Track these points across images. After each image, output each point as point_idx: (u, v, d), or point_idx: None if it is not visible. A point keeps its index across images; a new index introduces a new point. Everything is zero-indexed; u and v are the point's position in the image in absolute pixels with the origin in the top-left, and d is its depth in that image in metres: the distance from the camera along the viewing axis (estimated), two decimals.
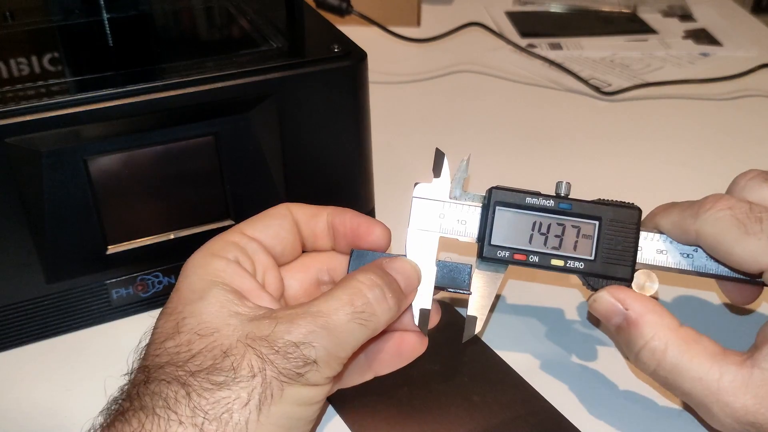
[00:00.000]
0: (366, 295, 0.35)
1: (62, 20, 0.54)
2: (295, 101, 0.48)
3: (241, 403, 0.32)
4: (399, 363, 0.40)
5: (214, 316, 0.34)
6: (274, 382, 0.32)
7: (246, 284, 0.36)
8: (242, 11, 0.56)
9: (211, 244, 0.38)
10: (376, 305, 0.35)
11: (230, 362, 0.32)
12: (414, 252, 0.40)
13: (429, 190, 0.41)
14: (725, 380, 0.36)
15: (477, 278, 0.41)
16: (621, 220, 0.40)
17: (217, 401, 0.31)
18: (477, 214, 0.41)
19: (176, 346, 0.33)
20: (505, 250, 0.41)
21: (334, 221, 0.41)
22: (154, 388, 0.32)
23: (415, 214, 0.41)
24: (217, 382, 0.32)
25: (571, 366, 0.46)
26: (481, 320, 0.40)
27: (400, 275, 0.38)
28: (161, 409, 0.31)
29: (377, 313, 0.35)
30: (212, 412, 0.31)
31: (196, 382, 0.32)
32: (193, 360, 0.33)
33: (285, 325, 0.33)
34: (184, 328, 0.34)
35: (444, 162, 0.41)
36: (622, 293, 0.39)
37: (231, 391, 0.32)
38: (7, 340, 0.47)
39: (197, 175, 0.47)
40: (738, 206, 0.38)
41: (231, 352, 0.33)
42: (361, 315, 0.35)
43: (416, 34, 0.87)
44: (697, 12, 1.00)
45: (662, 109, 0.77)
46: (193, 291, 0.35)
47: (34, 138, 0.41)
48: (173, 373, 0.32)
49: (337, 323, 0.34)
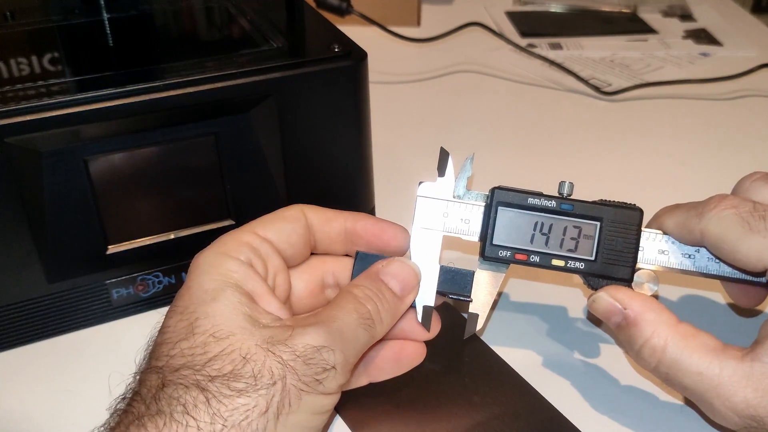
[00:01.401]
0: (366, 305, 0.36)
1: (62, 20, 0.54)
2: (296, 101, 0.48)
3: (260, 411, 0.31)
4: (397, 371, 0.41)
5: (227, 319, 0.34)
6: (292, 390, 0.32)
7: (257, 288, 0.36)
8: (242, 11, 0.56)
9: (224, 243, 0.37)
10: (374, 316, 0.36)
11: (251, 369, 0.32)
12: (418, 250, 0.41)
13: (433, 189, 0.41)
14: (725, 374, 0.36)
15: (479, 277, 0.41)
16: (622, 221, 0.41)
17: (236, 408, 0.31)
18: (480, 214, 0.41)
19: (191, 348, 0.33)
20: (506, 250, 0.41)
21: (355, 227, 0.40)
22: (171, 393, 0.31)
23: (420, 212, 0.41)
24: (237, 389, 0.31)
25: (572, 365, 0.46)
26: (482, 318, 0.41)
27: (395, 280, 0.38)
28: (179, 415, 0.31)
29: (376, 321, 0.36)
30: (231, 420, 0.31)
31: (215, 387, 0.31)
32: (210, 364, 0.32)
33: (302, 329, 0.34)
34: (198, 329, 0.34)
35: (448, 161, 0.41)
36: (620, 293, 0.40)
37: (250, 398, 0.31)
38: (8, 340, 0.47)
39: (197, 174, 0.47)
40: (742, 205, 0.38)
41: (251, 358, 0.32)
42: (367, 321, 0.36)
43: (416, 34, 0.87)
44: (697, 12, 1.00)
45: (662, 109, 0.77)
46: (206, 291, 0.35)
47: (34, 138, 0.41)
48: (191, 377, 0.32)
49: (348, 328, 0.35)
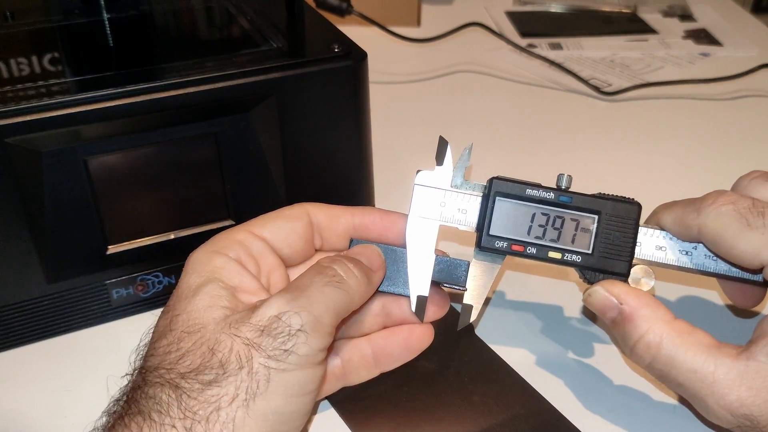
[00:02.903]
0: (332, 266, 0.36)
1: (62, 20, 0.54)
2: (295, 101, 0.48)
3: (228, 399, 0.31)
4: (407, 356, 0.41)
5: (201, 312, 0.34)
6: (261, 369, 0.32)
7: (245, 283, 0.36)
8: (242, 11, 0.56)
9: (215, 241, 0.38)
10: (343, 273, 0.36)
11: (218, 359, 0.32)
12: (413, 239, 0.40)
13: (431, 177, 0.41)
14: (720, 372, 0.36)
15: (474, 268, 0.41)
16: (620, 215, 0.40)
17: (206, 400, 0.31)
18: (478, 204, 0.41)
19: (167, 345, 0.33)
20: (503, 241, 0.41)
21: (364, 222, 0.41)
22: (149, 392, 0.32)
23: (417, 201, 0.41)
24: (206, 381, 0.32)
25: (571, 363, 0.46)
26: (476, 309, 0.40)
27: (361, 256, 0.39)
28: (156, 414, 0.31)
29: (346, 278, 0.36)
30: (201, 413, 0.31)
31: (186, 384, 0.32)
32: (182, 360, 0.33)
33: (264, 304, 0.34)
34: (175, 325, 0.34)
35: (447, 150, 0.41)
36: (616, 288, 0.39)
37: (220, 387, 0.32)
38: (7, 340, 0.47)
39: (197, 174, 0.47)
40: (741, 201, 0.38)
41: (218, 348, 0.32)
42: (333, 279, 0.35)
43: (416, 34, 0.87)
44: (697, 12, 1.00)
45: (662, 109, 0.77)
46: (189, 288, 0.35)
47: (34, 138, 0.41)
48: (165, 375, 0.32)
49: (312, 288, 0.35)
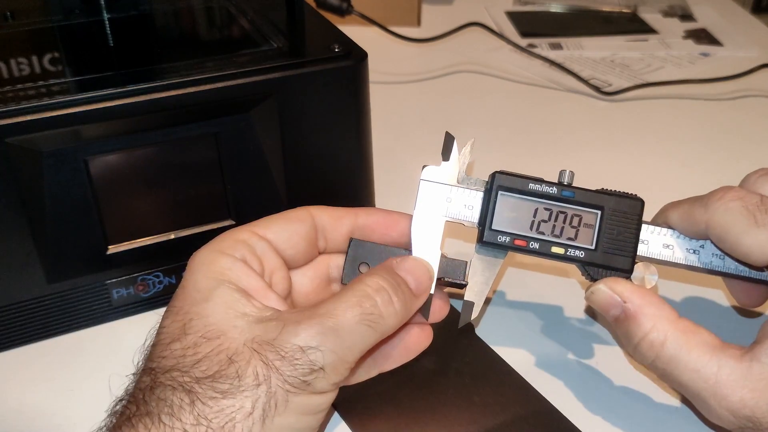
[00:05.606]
0: (374, 298, 0.35)
1: (62, 20, 0.54)
2: (296, 101, 0.48)
3: (245, 414, 0.31)
4: (405, 357, 0.40)
5: (220, 318, 0.34)
6: (279, 391, 0.32)
7: (252, 283, 0.36)
8: (242, 11, 0.56)
9: (219, 241, 0.37)
10: (383, 308, 0.35)
11: (235, 369, 0.32)
12: (419, 236, 0.39)
13: (437, 173, 0.40)
14: (723, 373, 0.36)
15: (476, 263, 0.40)
16: (623, 211, 0.40)
17: (221, 410, 0.31)
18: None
19: (182, 349, 0.33)
20: (505, 236, 0.40)
21: (368, 222, 0.40)
22: (159, 394, 0.32)
23: (422, 197, 0.40)
24: (221, 390, 0.31)
25: (571, 363, 0.46)
26: (477, 306, 0.40)
27: (411, 276, 0.37)
28: (166, 416, 0.31)
29: (384, 315, 0.35)
30: (216, 422, 0.31)
31: (200, 389, 0.31)
32: (198, 365, 0.32)
33: (292, 327, 0.33)
34: (191, 330, 0.33)
35: (453, 146, 0.40)
36: (620, 285, 0.39)
37: (235, 399, 0.31)
38: (8, 340, 0.47)
39: (198, 174, 0.47)
40: (749, 197, 0.38)
41: (236, 358, 0.32)
42: (369, 317, 0.34)
43: (416, 34, 0.87)
44: (698, 12, 1.00)
45: (662, 109, 0.77)
46: (199, 290, 0.35)
47: (34, 138, 0.41)
48: (179, 378, 0.32)
49: (345, 325, 0.33)
